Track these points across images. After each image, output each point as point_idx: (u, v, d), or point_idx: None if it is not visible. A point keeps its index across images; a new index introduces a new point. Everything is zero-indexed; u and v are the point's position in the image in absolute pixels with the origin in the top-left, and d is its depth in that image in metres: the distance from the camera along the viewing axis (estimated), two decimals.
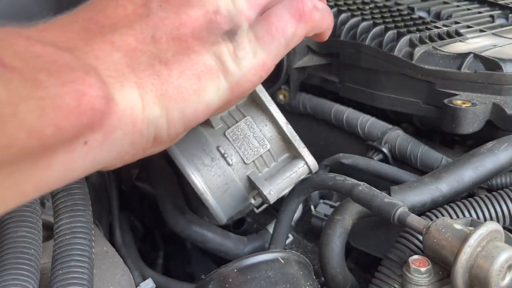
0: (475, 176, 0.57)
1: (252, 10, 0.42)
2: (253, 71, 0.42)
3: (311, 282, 0.48)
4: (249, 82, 0.43)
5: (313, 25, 0.45)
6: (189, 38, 0.39)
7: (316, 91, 0.88)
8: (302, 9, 0.44)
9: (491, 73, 0.67)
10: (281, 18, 0.43)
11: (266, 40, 0.42)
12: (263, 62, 0.43)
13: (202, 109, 0.40)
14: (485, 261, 0.41)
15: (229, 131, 0.57)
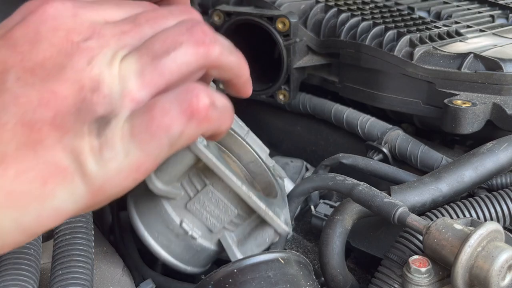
0: (475, 176, 0.57)
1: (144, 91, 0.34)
2: (124, 175, 0.33)
3: (311, 282, 0.48)
4: (118, 187, 0.34)
5: (209, 126, 0.35)
6: (46, 126, 0.31)
7: (316, 91, 0.88)
8: (197, 105, 0.34)
9: (491, 73, 0.67)
10: (167, 112, 0.33)
11: (144, 138, 0.33)
12: (138, 164, 0.33)
13: (48, 216, 0.32)
14: (485, 261, 0.41)
15: (190, 204, 0.54)
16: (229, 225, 0.56)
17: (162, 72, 0.34)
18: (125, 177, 0.33)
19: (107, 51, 0.34)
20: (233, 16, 0.82)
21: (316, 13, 0.86)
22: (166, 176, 0.51)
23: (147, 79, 0.34)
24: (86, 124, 0.32)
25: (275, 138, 0.93)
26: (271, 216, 0.53)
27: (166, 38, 0.35)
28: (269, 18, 0.80)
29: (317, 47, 0.85)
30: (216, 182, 0.52)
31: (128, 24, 0.36)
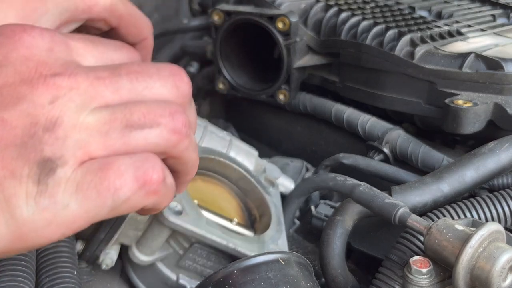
0: (477, 176, 0.57)
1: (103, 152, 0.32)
2: (53, 227, 0.31)
3: (311, 283, 0.48)
4: (43, 238, 0.31)
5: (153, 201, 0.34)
6: None
7: (316, 91, 0.87)
8: (151, 176, 0.33)
9: (493, 72, 0.67)
10: (121, 175, 0.32)
11: (89, 194, 0.31)
12: (72, 219, 0.31)
13: None
14: (487, 262, 0.41)
15: (182, 262, 0.53)
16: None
17: (128, 143, 0.33)
18: (55, 230, 0.31)
19: (75, 95, 0.32)
20: (233, 15, 0.82)
21: (316, 12, 0.86)
22: (148, 249, 0.51)
23: (111, 142, 0.32)
24: (27, 165, 0.30)
25: (275, 138, 0.93)
26: None
27: (148, 113, 0.33)
28: (269, 18, 0.79)
29: (317, 47, 0.84)
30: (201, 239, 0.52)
31: (105, 71, 0.34)
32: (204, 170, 0.62)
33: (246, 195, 0.63)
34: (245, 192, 0.63)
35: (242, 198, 0.63)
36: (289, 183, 0.72)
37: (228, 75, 0.88)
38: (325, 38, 0.84)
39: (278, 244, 0.56)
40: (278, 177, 0.68)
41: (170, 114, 0.34)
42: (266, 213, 0.60)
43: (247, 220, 0.61)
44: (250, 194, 0.63)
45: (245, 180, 0.63)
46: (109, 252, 0.51)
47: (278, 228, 0.59)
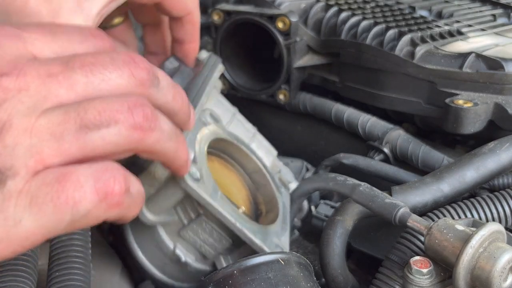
0: (477, 176, 0.57)
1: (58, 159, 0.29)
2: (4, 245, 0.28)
3: (311, 283, 0.48)
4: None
5: (117, 213, 0.32)
6: None
7: (316, 91, 0.87)
8: (112, 188, 0.30)
9: (493, 72, 0.67)
10: (80, 187, 0.29)
11: (45, 209, 0.28)
12: (25, 236, 0.29)
13: None
14: (487, 262, 0.41)
15: (184, 231, 0.53)
16: (224, 251, 0.55)
17: (84, 146, 0.30)
18: (4, 248, 0.29)
19: (25, 97, 0.29)
20: (233, 15, 0.82)
21: (316, 12, 0.86)
22: (157, 208, 0.51)
23: (66, 147, 0.30)
24: None
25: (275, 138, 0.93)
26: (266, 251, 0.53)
27: (103, 111, 0.31)
28: (269, 17, 0.79)
29: (317, 47, 0.84)
30: (209, 212, 0.51)
31: (58, 65, 0.31)
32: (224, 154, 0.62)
33: (258, 188, 0.63)
34: (257, 186, 0.63)
35: (252, 191, 0.63)
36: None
37: (228, 75, 0.88)
38: (325, 38, 0.83)
39: (281, 240, 0.56)
40: (291, 182, 0.68)
41: (129, 108, 0.31)
42: (274, 210, 0.60)
43: (253, 214, 0.61)
44: (262, 188, 0.62)
45: (260, 174, 0.62)
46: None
47: (284, 226, 0.59)
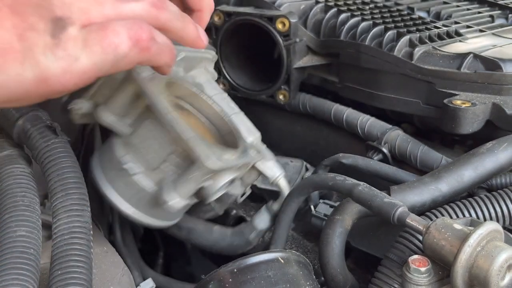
0: (475, 176, 0.57)
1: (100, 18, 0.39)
2: (68, 76, 0.38)
3: (311, 282, 0.48)
4: (61, 86, 0.38)
5: (148, 56, 0.42)
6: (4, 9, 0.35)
7: (316, 91, 0.88)
8: (140, 35, 0.40)
9: (491, 73, 0.67)
10: (118, 34, 0.39)
11: (95, 50, 0.38)
12: (83, 70, 0.38)
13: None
14: (485, 261, 0.41)
15: (132, 138, 0.56)
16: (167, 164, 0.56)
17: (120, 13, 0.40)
18: (69, 79, 0.38)
19: None
20: (233, 16, 0.83)
21: (316, 13, 0.86)
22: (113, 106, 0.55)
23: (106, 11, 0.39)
24: (43, 21, 0.36)
25: (275, 138, 0.93)
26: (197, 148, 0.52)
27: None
28: (269, 18, 0.80)
29: (317, 47, 0.85)
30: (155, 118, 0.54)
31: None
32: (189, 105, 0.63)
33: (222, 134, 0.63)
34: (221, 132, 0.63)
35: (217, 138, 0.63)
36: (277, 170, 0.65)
37: (228, 75, 0.88)
38: (325, 38, 0.84)
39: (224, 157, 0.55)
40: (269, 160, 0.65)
41: None
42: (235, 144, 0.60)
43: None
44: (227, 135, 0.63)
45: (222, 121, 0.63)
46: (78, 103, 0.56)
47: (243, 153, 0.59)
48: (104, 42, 0.38)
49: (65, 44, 0.37)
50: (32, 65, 0.36)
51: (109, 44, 0.38)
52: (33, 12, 0.36)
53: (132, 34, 0.39)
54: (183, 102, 0.63)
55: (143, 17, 0.41)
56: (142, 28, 0.40)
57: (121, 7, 0.40)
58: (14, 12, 0.35)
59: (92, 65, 0.38)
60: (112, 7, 0.40)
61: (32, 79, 0.36)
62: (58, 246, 0.44)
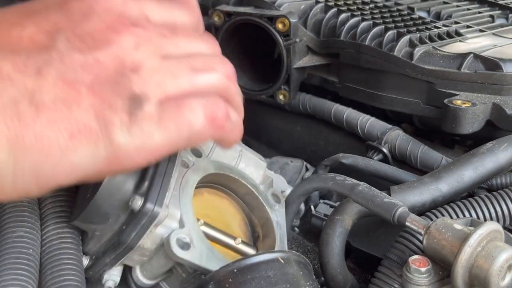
0: (475, 176, 0.57)
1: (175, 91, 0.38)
2: (141, 153, 0.37)
3: (311, 282, 0.48)
4: (133, 162, 0.37)
5: (222, 134, 0.41)
6: (84, 88, 0.34)
7: (316, 91, 0.88)
8: (217, 113, 0.40)
9: (491, 73, 0.67)
10: (193, 111, 0.38)
11: (170, 127, 0.37)
12: (156, 147, 0.37)
13: (64, 169, 0.34)
14: (485, 261, 0.41)
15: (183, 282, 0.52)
16: None
17: (194, 84, 0.40)
18: (142, 155, 0.37)
19: (151, 45, 0.38)
20: (233, 16, 0.82)
21: (316, 13, 0.86)
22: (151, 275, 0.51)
23: (181, 82, 0.39)
24: (121, 99, 0.35)
25: (275, 138, 0.93)
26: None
27: (207, 61, 0.41)
28: (269, 18, 0.80)
29: (317, 47, 0.85)
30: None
31: (167, 30, 0.40)
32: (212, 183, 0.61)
33: (252, 211, 0.62)
34: (251, 208, 0.62)
35: (247, 213, 0.61)
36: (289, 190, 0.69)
37: None
38: (325, 38, 0.84)
39: None
40: (285, 190, 0.67)
41: (222, 62, 0.43)
42: (270, 234, 0.59)
43: (250, 237, 0.60)
44: (256, 210, 0.61)
45: (252, 196, 0.61)
46: (113, 274, 0.51)
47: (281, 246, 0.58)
48: (180, 120, 0.37)
49: (141, 122, 0.36)
50: (106, 144, 0.35)
51: (184, 122, 0.38)
52: (111, 90, 0.35)
53: (208, 112, 0.39)
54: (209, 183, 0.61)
55: (217, 88, 0.41)
56: (219, 105, 0.40)
57: (196, 79, 0.40)
58: (92, 91, 0.35)
59: (166, 142, 0.37)
60: (187, 79, 0.39)
61: (105, 158, 0.36)
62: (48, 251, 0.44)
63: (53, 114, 0.33)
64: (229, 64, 0.43)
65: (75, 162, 0.34)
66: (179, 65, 0.39)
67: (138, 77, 0.36)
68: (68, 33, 0.35)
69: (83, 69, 0.34)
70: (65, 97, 0.34)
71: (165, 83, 0.37)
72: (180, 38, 0.41)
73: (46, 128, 0.33)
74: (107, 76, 0.35)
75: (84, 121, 0.34)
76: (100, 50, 0.35)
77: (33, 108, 0.33)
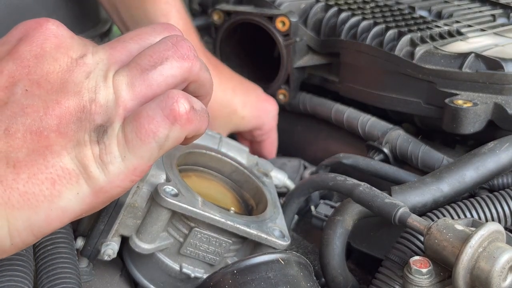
0: (476, 176, 0.57)
1: (135, 101, 0.37)
2: (122, 177, 0.37)
3: (311, 283, 0.48)
4: (118, 188, 0.37)
5: (192, 128, 0.39)
6: (52, 134, 0.35)
7: (316, 91, 0.87)
8: (178, 110, 0.37)
9: (493, 72, 0.67)
10: (152, 119, 0.37)
11: (135, 144, 0.37)
12: (134, 167, 0.37)
13: (56, 216, 0.35)
14: (487, 262, 0.41)
15: (183, 249, 0.53)
16: (228, 253, 0.55)
17: (150, 84, 0.38)
18: (123, 179, 0.37)
19: (101, 67, 0.38)
20: (233, 15, 0.82)
21: (316, 12, 0.86)
22: (148, 236, 0.51)
23: (137, 90, 0.38)
24: (87, 133, 0.36)
25: None
26: (265, 238, 0.53)
27: (153, 53, 0.39)
28: (269, 18, 0.79)
29: (317, 47, 0.84)
30: (200, 222, 0.51)
31: (115, 42, 0.40)
32: (197, 166, 0.62)
33: (241, 186, 0.63)
34: (239, 184, 0.63)
35: (237, 190, 0.63)
36: (282, 176, 0.71)
37: None
38: (325, 38, 0.84)
39: (276, 223, 0.56)
40: (271, 170, 0.68)
41: (173, 44, 0.39)
42: (262, 200, 0.60)
43: (244, 211, 0.61)
44: (245, 185, 0.63)
45: (238, 172, 0.63)
46: (110, 243, 0.51)
47: (275, 210, 0.58)
48: (141, 134, 0.37)
49: (110, 148, 0.36)
50: (87, 180, 0.36)
51: (146, 134, 0.37)
52: (76, 128, 0.36)
53: (168, 113, 0.37)
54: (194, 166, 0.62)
55: (176, 77, 0.39)
56: (178, 101, 0.37)
57: (150, 78, 0.38)
58: (60, 134, 0.35)
59: (139, 159, 0.37)
60: (141, 83, 0.38)
61: (91, 193, 0.36)
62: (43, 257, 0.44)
63: (32, 169, 0.34)
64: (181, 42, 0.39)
65: (63, 206, 0.35)
66: (130, 72, 0.38)
67: (97, 106, 0.36)
68: (25, 82, 0.35)
69: (47, 115, 0.35)
70: (37, 148, 0.34)
71: (123, 98, 0.37)
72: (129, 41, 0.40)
73: (28, 184, 0.34)
74: (69, 116, 0.35)
75: (61, 165, 0.35)
76: (57, 92, 0.36)
77: (11, 168, 0.33)
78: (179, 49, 0.39)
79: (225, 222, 0.51)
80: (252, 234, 0.52)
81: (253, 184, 0.62)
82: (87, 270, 0.53)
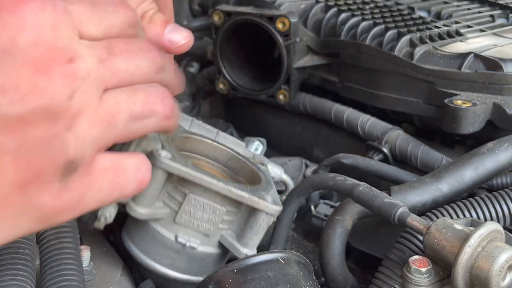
0: (476, 176, 0.57)
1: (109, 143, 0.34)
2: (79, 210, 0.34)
3: (311, 282, 0.48)
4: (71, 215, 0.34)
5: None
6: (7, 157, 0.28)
7: (316, 91, 0.87)
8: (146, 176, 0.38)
9: (492, 73, 0.67)
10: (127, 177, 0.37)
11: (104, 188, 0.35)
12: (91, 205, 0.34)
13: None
14: (486, 261, 0.41)
15: (178, 217, 0.54)
16: (223, 224, 0.55)
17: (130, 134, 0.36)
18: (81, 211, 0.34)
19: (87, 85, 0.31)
20: (233, 16, 0.82)
21: (316, 13, 0.86)
22: (145, 199, 0.51)
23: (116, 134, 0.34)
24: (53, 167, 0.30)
25: (275, 138, 0.93)
26: (257, 201, 0.53)
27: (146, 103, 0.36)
28: (269, 18, 0.79)
29: (317, 47, 0.84)
30: (194, 188, 0.52)
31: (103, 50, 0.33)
32: (195, 154, 0.62)
33: (237, 173, 0.63)
34: (236, 171, 0.63)
35: (234, 178, 0.63)
36: (278, 169, 0.71)
37: (228, 75, 0.88)
38: (325, 38, 0.84)
39: (269, 194, 0.56)
40: (267, 163, 0.69)
41: (161, 101, 0.37)
42: (257, 179, 0.61)
43: None
44: (241, 171, 0.63)
45: (234, 159, 0.63)
46: (107, 208, 0.51)
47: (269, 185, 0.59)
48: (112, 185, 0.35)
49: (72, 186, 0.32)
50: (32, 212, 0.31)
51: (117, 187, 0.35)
52: (41, 156, 0.29)
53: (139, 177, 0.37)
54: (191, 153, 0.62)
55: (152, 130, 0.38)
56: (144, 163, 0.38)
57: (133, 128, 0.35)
58: (17, 159, 0.28)
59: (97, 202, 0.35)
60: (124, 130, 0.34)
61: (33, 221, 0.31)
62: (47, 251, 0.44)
63: None
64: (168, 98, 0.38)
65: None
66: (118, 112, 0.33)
67: (74, 137, 0.30)
68: None
69: (6, 132, 0.27)
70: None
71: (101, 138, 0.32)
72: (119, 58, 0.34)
73: None
74: (36, 139, 0.28)
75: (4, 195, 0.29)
76: (26, 105, 0.27)
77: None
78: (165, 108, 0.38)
79: (217, 184, 0.52)
80: (244, 197, 0.52)
81: (248, 168, 0.63)
82: (88, 270, 0.53)
